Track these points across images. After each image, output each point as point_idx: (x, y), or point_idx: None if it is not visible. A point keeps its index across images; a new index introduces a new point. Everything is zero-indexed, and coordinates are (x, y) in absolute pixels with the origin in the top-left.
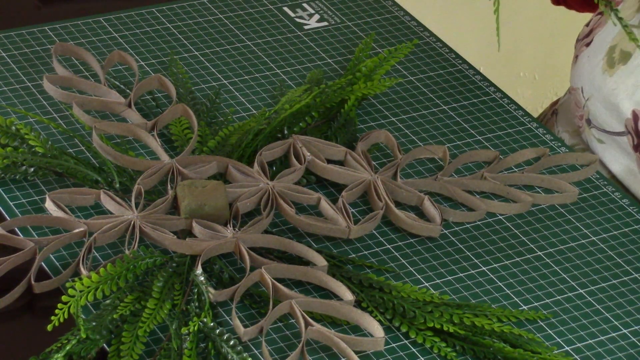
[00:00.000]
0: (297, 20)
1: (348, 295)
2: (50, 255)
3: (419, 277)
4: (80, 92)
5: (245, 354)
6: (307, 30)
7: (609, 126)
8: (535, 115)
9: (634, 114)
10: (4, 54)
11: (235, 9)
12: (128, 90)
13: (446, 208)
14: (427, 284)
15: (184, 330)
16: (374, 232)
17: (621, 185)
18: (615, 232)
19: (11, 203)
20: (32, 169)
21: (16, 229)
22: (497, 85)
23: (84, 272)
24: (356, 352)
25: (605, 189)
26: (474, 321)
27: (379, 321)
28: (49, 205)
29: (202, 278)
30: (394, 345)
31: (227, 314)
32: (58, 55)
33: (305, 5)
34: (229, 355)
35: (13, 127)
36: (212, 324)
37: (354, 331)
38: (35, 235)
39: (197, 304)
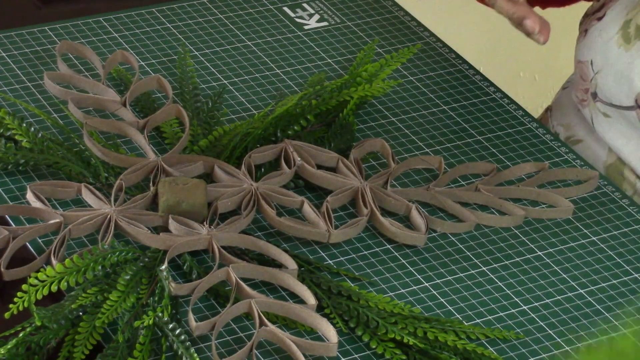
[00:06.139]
0: (297, 20)
1: (312, 300)
2: (29, 245)
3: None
4: (79, 90)
5: (192, 350)
6: (307, 30)
7: (617, 100)
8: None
9: None
10: (4, 54)
11: (235, 9)
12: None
13: (435, 218)
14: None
15: (137, 324)
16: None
17: (620, 161)
18: (615, 232)
19: None
20: (22, 161)
21: None
22: (497, 85)
23: (54, 262)
24: (312, 357)
25: (605, 189)
26: (437, 336)
27: (340, 328)
28: (29, 196)
29: (165, 272)
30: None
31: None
32: (62, 53)
33: (305, 5)
34: (179, 351)
35: (7, 117)
36: (166, 319)
37: (316, 339)
38: (14, 225)
39: (156, 298)
